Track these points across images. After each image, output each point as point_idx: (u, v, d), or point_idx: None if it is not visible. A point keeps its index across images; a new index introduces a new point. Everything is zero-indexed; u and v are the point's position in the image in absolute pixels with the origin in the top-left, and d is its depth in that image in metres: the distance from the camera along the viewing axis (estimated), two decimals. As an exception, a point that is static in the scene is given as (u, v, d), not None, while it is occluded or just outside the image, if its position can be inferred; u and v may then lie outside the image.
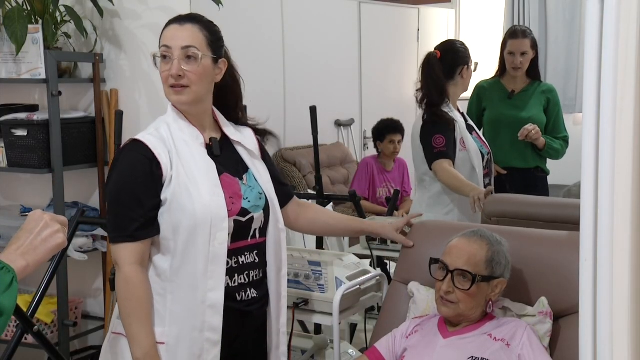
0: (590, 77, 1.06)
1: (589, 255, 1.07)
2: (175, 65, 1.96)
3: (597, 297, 1.07)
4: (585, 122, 1.07)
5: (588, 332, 1.07)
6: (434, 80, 3.01)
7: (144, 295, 1.94)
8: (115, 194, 1.98)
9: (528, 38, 3.45)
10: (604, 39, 1.04)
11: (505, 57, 3.48)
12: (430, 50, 3.13)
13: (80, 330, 3.50)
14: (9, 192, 3.73)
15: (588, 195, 1.08)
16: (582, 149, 1.09)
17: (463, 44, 3.18)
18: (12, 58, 3.16)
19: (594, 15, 1.04)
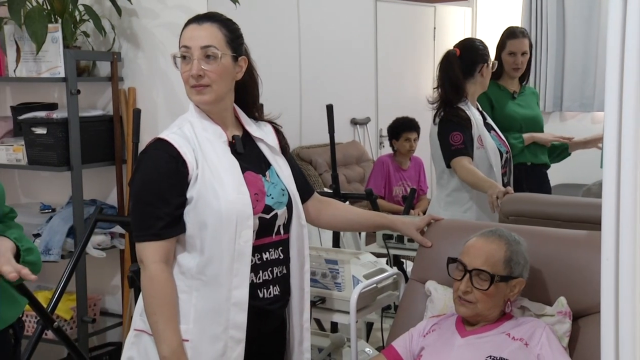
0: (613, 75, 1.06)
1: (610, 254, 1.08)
2: (195, 65, 1.96)
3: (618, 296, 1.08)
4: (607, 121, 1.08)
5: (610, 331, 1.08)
6: (452, 78, 3.01)
7: (169, 293, 1.95)
8: (140, 192, 1.98)
9: (526, 38, 3.47)
10: (626, 36, 1.04)
11: (504, 58, 3.45)
12: (447, 49, 3.12)
13: (99, 327, 3.53)
14: (29, 190, 3.77)
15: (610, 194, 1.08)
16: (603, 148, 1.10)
17: (482, 42, 3.18)
18: (32, 57, 3.18)
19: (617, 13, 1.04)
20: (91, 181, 3.44)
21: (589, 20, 5.90)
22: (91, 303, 3.43)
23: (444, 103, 3.04)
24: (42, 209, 3.55)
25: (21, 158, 3.30)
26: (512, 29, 3.52)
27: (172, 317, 1.94)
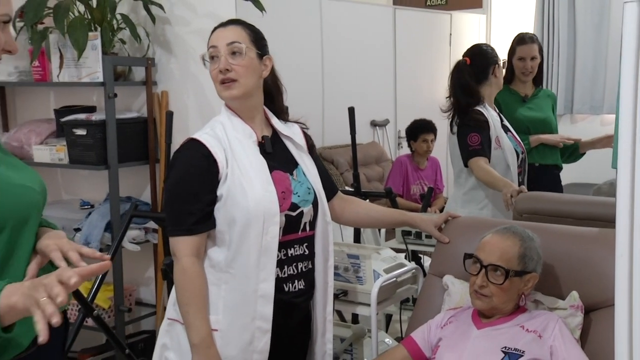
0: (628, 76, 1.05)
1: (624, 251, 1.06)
2: (223, 60, 1.97)
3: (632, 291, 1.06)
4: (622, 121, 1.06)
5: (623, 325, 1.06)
6: (463, 85, 3.00)
7: (199, 285, 1.96)
8: (174, 189, 2.00)
9: (535, 43, 3.44)
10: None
11: (514, 63, 3.44)
12: (462, 54, 3.12)
13: (134, 316, 3.55)
14: (69, 187, 3.81)
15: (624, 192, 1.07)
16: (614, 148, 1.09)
17: (488, 45, 3.19)
18: (73, 63, 3.20)
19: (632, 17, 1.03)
20: (127, 179, 3.46)
21: (599, 27, 5.84)
22: (127, 293, 3.46)
23: (457, 110, 3.02)
24: (82, 205, 3.59)
25: (63, 157, 3.33)
26: (521, 35, 3.50)
27: (202, 307, 1.95)
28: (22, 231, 1.38)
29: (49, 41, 3.26)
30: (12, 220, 1.35)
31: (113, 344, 2.82)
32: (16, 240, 1.37)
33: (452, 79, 3.04)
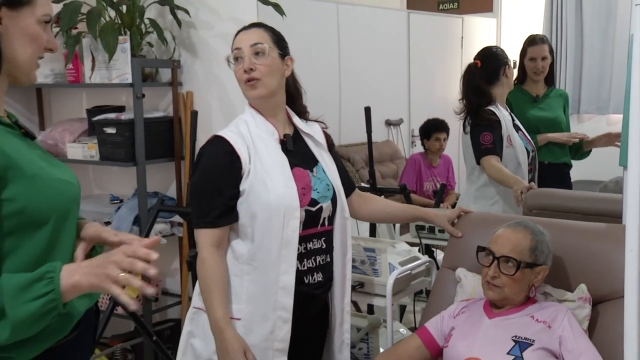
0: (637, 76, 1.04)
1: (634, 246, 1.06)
2: (247, 60, 1.97)
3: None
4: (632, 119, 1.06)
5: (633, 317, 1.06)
6: (474, 87, 2.99)
7: (218, 274, 1.96)
8: (198, 184, 2.00)
9: (546, 44, 3.43)
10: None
11: (526, 63, 3.43)
12: (473, 56, 3.11)
13: (161, 305, 3.56)
14: (100, 183, 3.83)
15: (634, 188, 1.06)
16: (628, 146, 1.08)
17: (498, 47, 3.19)
18: (104, 65, 3.22)
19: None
20: (153, 175, 3.47)
21: (606, 30, 5.80)
22: (154, 284, 3.46)
23: (470, 111, 3.01)
24: (112, 199, 3.61)
25: (94, 154, 3.34)
26: (532, 37, 3.49)
27: (219, 294, 1.95)
28: (65, 224, 1.40)
29: (82, 45, 3.28)
30: (56, 214, 1.37)
31: (141, 331, 2.84)
32: (59, 232, 1.39)
33: (464, 81, 3.04)
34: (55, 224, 1.37)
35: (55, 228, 1.37)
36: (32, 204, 1.32)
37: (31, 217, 1.32)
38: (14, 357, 1.34)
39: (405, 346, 2.09)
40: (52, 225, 1.36)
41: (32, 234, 1.33)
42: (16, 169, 1.30)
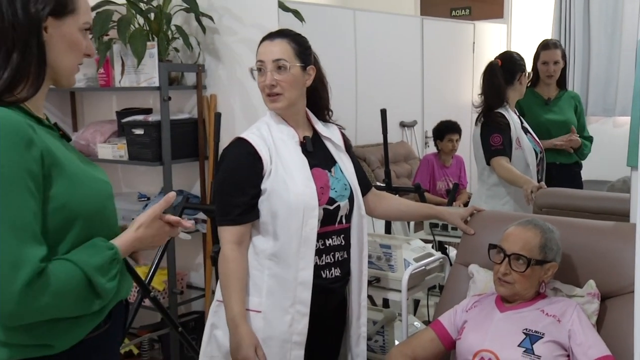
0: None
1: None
2: (269, 76, 1.98)
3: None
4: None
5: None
6: (495, 85, 2.98)
7: (237, 270, 1.97)
8: (222, 183, 2.01)
9: (559, 49, 3.42)
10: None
11: (539, 67, 3.41)
12: (484, 61, 3.11)
13: (185, 298, 3.57)
14: (129, 181, 3.85)
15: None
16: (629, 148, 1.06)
17: (519, 54, 3.17)
18: (133, 70, 3.23)
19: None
20: (179, 174, 3.48)
21: (612, 35, 5.74)
22: (179, 277, 3.49)
23: (486, 107, 3.00)
24: (140, 197, 3.63)
25: (123, 154, 3.36)
26: (545, 42, 3.48)
27: (237, 289, 1.96)
28: (101, 218, 1.42)
29: (113, 51, 3.30)
30: (94, 209, 1.39)
31: (167, 322, 2.85)
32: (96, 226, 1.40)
33: (484, 78, 3.03)
34: (92, 218, 1.38)
35: (92, 222, 1.38)
36: (73, 200, 1.34)
37: (71, 213, 1.34)
38: (54, 345, 1.35)
39: (420, 339, 2.09)
40: (89, 220, 1.38)
41: (71, 228, 1.34)
42: (59, 167, 1.32)
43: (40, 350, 1.34)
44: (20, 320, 1.26)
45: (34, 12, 1.34)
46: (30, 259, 1.23)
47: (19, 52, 1.33)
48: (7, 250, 1.21)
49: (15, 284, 1.21)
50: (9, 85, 1.33)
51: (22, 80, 1.34)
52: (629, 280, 1.96)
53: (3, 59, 1.32)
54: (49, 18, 1.36)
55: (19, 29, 1.33)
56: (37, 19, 1.34)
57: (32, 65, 1.35)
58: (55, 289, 1.26)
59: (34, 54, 1.34)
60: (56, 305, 1.28)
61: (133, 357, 3.57)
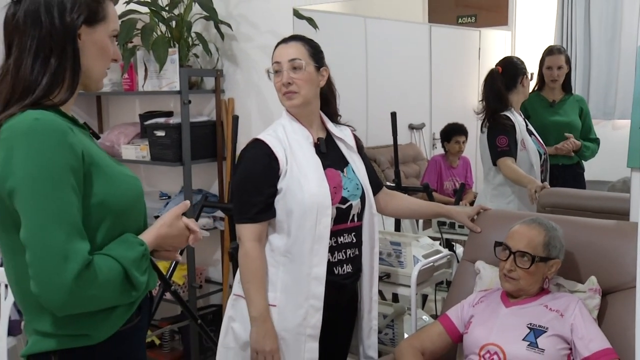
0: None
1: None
2: (285, 75, 1.98)
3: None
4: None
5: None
6: (495, 91, 2.97)
7: (259, 266, 1.98)
8: (240, 183, 2.02)
9: (562, 54, 3.41)
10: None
11: (543, 71, 3.41)
12: (489, 66, 3.10)
13: (204, 292, 3.58)
14: (151, 180, 3.86)
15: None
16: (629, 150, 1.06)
17: (519, 58, 3.17)
18: (155, 75, 3.25)
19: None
20: (198, 174, 3.49)
21: (612, 41, 5.70)
22: (198, 272, 3.49)
23: (488, 113, 2.99)
24: (161, 196, 3.64)
25: (146, 155, 3.37)
26: (550, 47, 3.48)
27: (260, 285, 1.96)
28: (132, 215, 1.44)
29: (137, 57, 3.32)
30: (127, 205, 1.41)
31: (187, 315, 2.86)
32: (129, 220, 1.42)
33: (485, 85, 3.03)
34: (125, 214, 1.40)
35: (124, 218, 1.40)
36: (109, 196, 1.36)
37: (107, 209, 1.35)
38: (91, 335, 1.37)
39: (428, 332, 2.09)
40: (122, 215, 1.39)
41: (105, 223, 1.36)
42: (97, 166, 1.35)
43: (80, 340, 1.36)
44: (71, 310, 1.28)
45: (70, 21, 1.36)
46: (79, 252, 1.25)
47: (56, 58, 1.35)
48: (57, 244, 1.23)
49: (66, 276, 1.23)
50: (47, 90, 1.35)
51: (59, 85, 1.36)
52: (629, 277, 1.95)
53: (42, 65, 1.35)
54: (82, 26, 1.38)
55: (56, 37, 1.35)
56: (72, 28, 1.37)
57: (67, 71, 1.37)
58: (100, 281, 1.28)
59: (69, 59, 1.37)
60: (101, 296, 1.30)
61: (155, 347, 3.59)
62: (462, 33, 6.00)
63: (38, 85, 1.34)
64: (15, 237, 1.30)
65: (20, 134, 1.26)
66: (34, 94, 1.33)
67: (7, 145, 1.26)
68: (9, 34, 1.38)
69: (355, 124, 2.29)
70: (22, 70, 1.34)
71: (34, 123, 1.26)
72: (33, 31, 1.35)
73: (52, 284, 1.23)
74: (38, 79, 1.34)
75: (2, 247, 1.38)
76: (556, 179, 3.17)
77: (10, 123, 1.28)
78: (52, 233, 1.23)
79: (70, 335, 1.36)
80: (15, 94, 1.33)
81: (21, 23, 1.35)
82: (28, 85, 1.33)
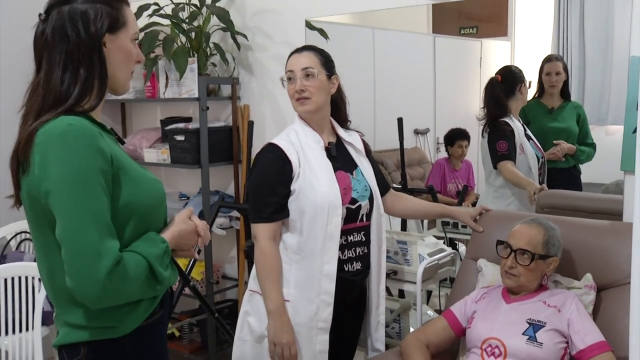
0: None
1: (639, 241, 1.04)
2: (298, 82, 1.99)
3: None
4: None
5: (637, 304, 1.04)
6: (495, 98, 2.97)
7: (275, 263, 1.98)
8: (256, 185, 2.02)
9: (560, 62, 3.42)
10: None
11: (543, 78, 3.41)
12: (490, 74, 3.11)
13: (221, 287, 3.59)
14: (171, 182, 3.88)
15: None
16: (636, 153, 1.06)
17: (518, 67, 3.17)
18: (176, 83, 3.26)
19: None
20: (215, 176, 3.50)
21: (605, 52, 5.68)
22: (215, 269, 3.50)
23: (489, 119, 2.99)
24: (180, 196, 3.65)
25: (166, 158, 3.38)
26: (549, 56, 3.49)
27: (276, 281, 1.97)
28: (155, 215, 1.45)
29: (158, 66, 3.33)
30: (150, 207, 1.42)
31: (205, 309, 2.87)
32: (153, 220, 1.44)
33: (486, 92, 3.03)
34: (149, 215, 1.42)
35: (147, 218, 1.42)
36: (135, 198, 1.37)
37: (132, 209, 1.37)
38: (118, 327, 1.39)
39: (433, 326, 2.09)
40: (146, 215, 1.41)
41: (130, 222, 1.37)
42: (124, 169, 1.36)
43: (108, 332, 1.38)
44: (103, 303, 1.30)
45: (94, 31, 1.37)
46: (110, 250, 1.27)
47: (85, 68, 1.36)
48: (91, 242, 1.25)
49: (99, 272, 1.24)
50: (78, 99, 1.36)
51: (89, 93, 1.38)
52: (622, 274, 1.95)
53: (72, 76, 1.36)
54: (106, 34, 1.39)
55: (83, 48, 1.36)
56: (97, 37, 1.38)
57: (95, 79, 1.38)
58: (129, 276, 1.30)
59: (97, 68, 1.38)
60: (130, 290, 1.32)
61: (175, 338, 3.60)
62: (464, 43, 6.00)
63: (70, 95, 1.35)
64: (49, 236, 1.32)
65: (54, 138, 1.27)
66: (65, 103, 1.34)
67: (42, 149, 1.28)
68: (39, 50, 1.39)
69: (363, 129, 2.29)
70: (52, 82, 1.35)
71: (67, 128, 1.28)
72: (61, 45, 1.36)
73: (86, 280, 1.25)
74: (69, 89, 1.35)
75: (36, 245, 1.40)
76: (554, 181, 3.17)
77: (45, 128, 1.30)
78: (85, 232, 1.25)
79: (100, 327, 1.37)
80: (47, 104, 1.34)
81: (50, 39, 1.36)
82: (59, 96, 1.34)
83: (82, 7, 1.37)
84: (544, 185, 2.75)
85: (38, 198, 1.30)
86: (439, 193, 4.33)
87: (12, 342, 2.43)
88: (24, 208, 1.38)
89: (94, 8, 1.37)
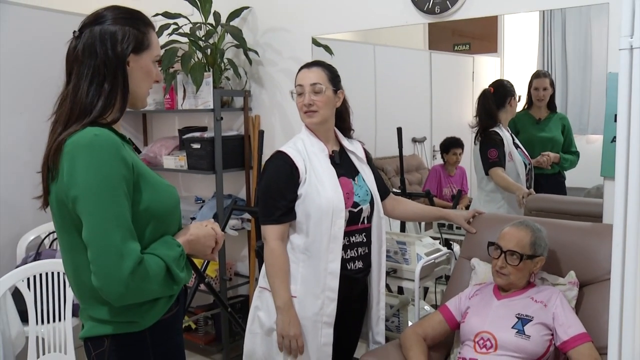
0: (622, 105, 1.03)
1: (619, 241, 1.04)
2: (307, 97, 2.00)
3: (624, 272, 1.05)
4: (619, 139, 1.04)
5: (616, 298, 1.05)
6: (487, 109, 2.97)
7: (283, 262, 1.98)
8: (265, 189, 2.03)
9: (547, 78, 3.42)
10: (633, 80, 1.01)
11: (531, 92, 3.41)
12: (482, 88, 3.11)
13: (233, 284, 3.58)
14: (187, 187, 3.88)
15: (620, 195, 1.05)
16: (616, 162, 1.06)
17: (509, 82, 3.18)
18: (192, 95, 3.26)
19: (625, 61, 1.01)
20: (228, 181, 3.50)
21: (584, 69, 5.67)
22: (228, 267, 3.50)
23: (481, 128, 2.99)
24: (196, 200, 3.64)
25: (183, 164, 3.37)
26: (537, 72, 3.49)
27: (284, 279, 1.97)
28: (171, 220, 1.46)
29: (177, 80, 3.33)
30: (167, 212, 1.42)
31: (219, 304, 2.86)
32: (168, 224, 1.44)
33: (479, 103, 3.04)
34: (165, 219, 1.42)
35: (164, 222, 1.42)
36: (154, 203, 1.38)
37: (150, 214, 1.37)
38: (139, 322, 1.40)
39: (430, 321, 2.09)
40: (163, 220, 1.41)
41: (149, 226, 1.38)
42: (144, 177, 1.37)
43: (131, 326, 1.39)
44: (126, 301, 1.31)
45: (120, 51, 1.39)
46: (132, 251, 1.27)
47: (109, 83, 1.38)
48: (115, 244, 1.26)
49: (123, 272, 1.25)
50: (102, 111, 1.37)
51: (111, 106, 1.39)
52: (603, 271, 1.95)
53: (97, 89, 1.37)
54: (131, 54, 1.41)
55: (109, 65, 1.38)
56: (122, 56, 1.39)
57: (118, 94, 1.39)
58: (150, 276, 1.30)
59: (120, 84, 1.39)
60: (150, 289, 1.32)
61: (191, 331, 3.60)
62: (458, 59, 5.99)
63: (94, 107, 1.36)
64: (75, 237, 1.33)
65: (82, 147, 1.28)
66: (90, 114, 1.35)
67: (71, 157, 1.29)
68: (70, 64, 1.40)
69: (365, 138, 2.30)
70: (79, 94, 1.36)
71: (94, 138, 1.29)
72: (89, 61, 1.37)
73: (111, 279, 1.25)
74: (94, 101, 1.36)
75: (63, 246, 1.41)
76: (541, 186, 3.16)
77: (74, 138, 1.31)
78: (110, 235, 1.25)
79: (123, 322, 1.38)
80: (74, 115, 1.35)
81: (80, 54, 1.38)
82: (84, 107, 1.36)
83: (112, 28, 1.39)
84: (531, 190, 2.75)
85: (66, 203, 1.31)
86: (435, 197, 4.33)
87: (47, 330, 2.47)
88: (52, 211, 1.39)
89: (123, 30, 1.39)
